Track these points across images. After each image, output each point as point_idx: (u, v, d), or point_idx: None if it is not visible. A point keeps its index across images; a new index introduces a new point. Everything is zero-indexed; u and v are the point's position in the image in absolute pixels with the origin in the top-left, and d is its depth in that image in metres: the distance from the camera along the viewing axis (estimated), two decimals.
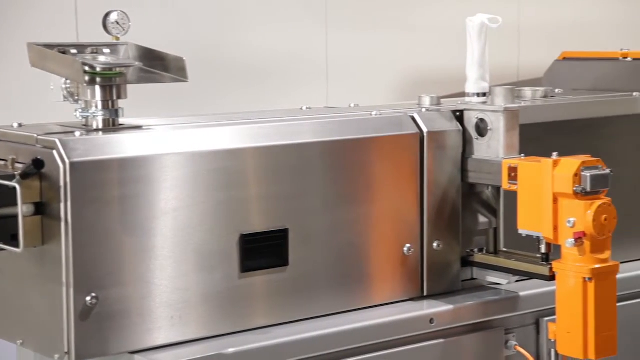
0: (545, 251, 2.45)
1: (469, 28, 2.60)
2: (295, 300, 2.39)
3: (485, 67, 2.61)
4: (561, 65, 3.24)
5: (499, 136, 2.54)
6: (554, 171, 2.35)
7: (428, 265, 2.55)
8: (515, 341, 2.60)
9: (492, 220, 2.64)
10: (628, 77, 3.08)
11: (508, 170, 2.47)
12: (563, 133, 2.77)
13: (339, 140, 2.44)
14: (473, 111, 2.59)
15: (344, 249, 2.45)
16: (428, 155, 2.54)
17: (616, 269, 2.34)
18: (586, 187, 2.32)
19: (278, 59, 3.25)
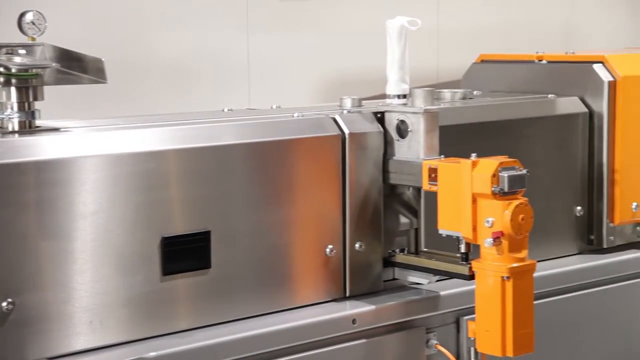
0: (465, 251, 2.43)
1: (389, 30, 2.56)
2: (217, 303, 2.32)
3: (405, 69, 2.57)
4: (479, 68, 3.23)
5: (419, 137, 2.51)
6: (473, 172, 2.33)
7: (350, 266, 2.50)
8: (436, 340, 2.57)
9: (413, 221, 2.61)
10: (543, 79, 3.07)
11: (428, 171, 2.44)
12: (481, 134, 2.76)
13: (260, 142, 2.38)
14: (394, 113, 2.56)
15: (267, 251, 2.39)
16: (350, 157, 2.49)
17: (533, 268, 2.33)
18: (504, 187, 2.29)
19: (199, 61, 3.18)
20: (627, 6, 4.03)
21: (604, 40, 3.88)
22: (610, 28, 3.98)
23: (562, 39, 3.86)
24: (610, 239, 2.98)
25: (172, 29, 3.15)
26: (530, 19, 3.81)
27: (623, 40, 3.89)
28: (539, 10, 3.83)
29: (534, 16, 3.82)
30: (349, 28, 3.44)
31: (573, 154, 2.94)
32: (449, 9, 3.61)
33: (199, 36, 3.18)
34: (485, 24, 3.70)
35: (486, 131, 2.77)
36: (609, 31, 3.97)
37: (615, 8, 4.01)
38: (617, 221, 2.97)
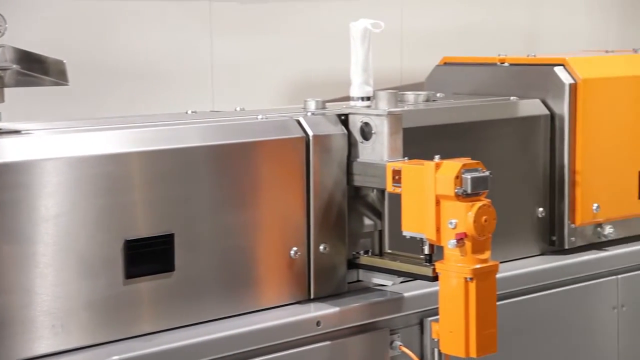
0: (429, 252, 2.41)
1: (353, 33, 2.54)
2: (181, 306, 2.28)
3: (369, 71, 2.55)
4: (442, 70, 3.21)
5: (383, 140, 2.49)
6: (436, 174, 2.31)
7: (315, 268, 2.48)
8: (400, 341, 2.55)
9: (377, 223, 2.59)
10: (505, 82, 3.07)
11: (392, 173, 2.42)
12: (445, 136, 2.74)
13: (224, 145, 2.35)
14: (358, 115, 2.54)
15: (231, 254, 2.36)
16: (314, 159, 2.46)
17: (496, 269, 2.32)
18: (467, 189, 2.28)
19: (162, 64, 3.14)
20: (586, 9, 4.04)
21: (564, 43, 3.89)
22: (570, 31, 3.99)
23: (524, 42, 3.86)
24: (572, 239, 2.98)
25: (135, 31, 3.11)
26: (492, 22, 3.81)
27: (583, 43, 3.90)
28: (501, 13, 3.84)
29: (496, 19, 3.82)
30: (313, 31, 3.42)
31: (535, 156, 2.94)
32: (413, 12, 3.60)
33: (162, 39, 3.15)
34: (449, 27, 3.69)
35: (449, 133, 2.76)
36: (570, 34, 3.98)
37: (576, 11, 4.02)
38: (578, 222, 2.97)
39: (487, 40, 3.72)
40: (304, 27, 3.41)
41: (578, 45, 3.83)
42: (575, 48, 3.77)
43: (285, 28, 3.38)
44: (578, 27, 4.02)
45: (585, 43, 3.89)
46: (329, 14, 3.43)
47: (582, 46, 3.82)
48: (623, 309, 3.03)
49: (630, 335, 3.06)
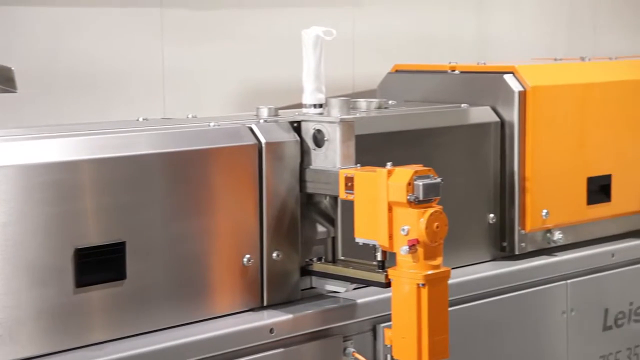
0: (381, 259, 2.39)
1: (305, 40, 2.51)
2: (133, 314, 2.24)
3: (321, 78, 2.53)
4: (394, 78, 3.20)
5: (335, 147, 2.47)
6: (388, 181, 2.30)
7: (268, 275, 2.44)
8: (353, 348, 2.52)
9: (331, 230, 2.56)
10: (456, 89, 3.06)
11: (345, 180, 2.40)
12: (397, 143, 2.73)
13: (176, 152, 2.31)
14: (310, 122, 2.51)
15: (183, 261, 2.31)
16: (266, 166, 2.43)
17: (448, 275, 2.30)
18: (419, 195, 2.26)
19: (112, 71, 3.09)
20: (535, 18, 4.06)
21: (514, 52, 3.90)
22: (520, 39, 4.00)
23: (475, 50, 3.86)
24: (522, 245, 2.97)
25: (85, 38, 3.06)
26: (443, 30, 3.81)
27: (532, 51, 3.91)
28: (452, 21, 3.84)
29: (447, 27, 3.82)
30: (265, 38, 3.39)
31: (486, 163, 2.93)
32: (365, 20, 3.59)
33: (112, 46, 3.10)
34: (400, 35, 3.68)
35: (401, 140, 2.74)
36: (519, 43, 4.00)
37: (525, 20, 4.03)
38: (528, 228, 2.97)
39: (439, 48, 3.72)
40: (256, 34, 3.38)
41: (527, 54, 3.85)
42: (524, 56, 3.78)
43: (237, 35, 3.35)
44: (527, 35, 4.04)
45: (534, 51, 3.90)
46: (281, 21, 3.40)
47: (531, 54, 3.83)
48: (572, 313, 3.03)
49: (579, 339, 3.06)
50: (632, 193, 3.22)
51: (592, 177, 3.10)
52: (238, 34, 3.35)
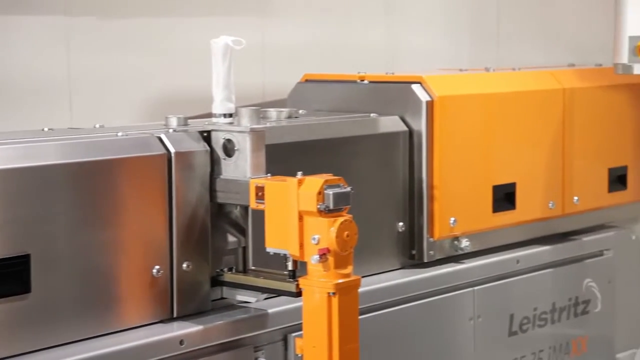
0: (292, 268, 2.36)
1: (214, 50, 2.47)
2: (39, 328, 2.16)
3: (231, 88, 2.49)
4: (304, 87, 3.17)
5: (245, 156, 2.43)
6: (299, 190, 2.27)
7: (178, 286, 2.38)
8: (264, 358, 2.49)
9: (241, 239, 2.52)
10: (365, 98, 3.05)
11: (255, 190, 2.36)
12: (307, 153, 2.70)
13: (83, 162, 2.24)
14: (220, 132, 2.47)
15: (91, 274, 2.24)
16: (176, 176, 2.38)
17: (358, 283, 2.29)
18: (329, 204, 2.24)
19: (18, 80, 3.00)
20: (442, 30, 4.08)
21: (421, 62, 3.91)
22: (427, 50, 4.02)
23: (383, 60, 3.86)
24: (431, 253, 2.97)
25: None
26: (352, 40, 3.80)
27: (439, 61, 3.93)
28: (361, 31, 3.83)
29: (356, 37, 3.81)
30: (174, 47, 3.33)
31: (395, 172, 2.92)
32: (274, 29, 3.56)
33: (18, 54, 3.00)
34: (310, 44, 3.66)
35: (312, 150, 2.72)
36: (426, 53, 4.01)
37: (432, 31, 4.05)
38: (437, 236, 2.97)
39: (348, 57, 3.70)
40: (165, 43, 3.32)
41: (434, 64, 3.86)
42: (431, 66, 3.79)
43: (145, 44, 3.28)
44: (434, 46, 4.05)
45: (440, 62, 3.92)
46: (190, 30, 3.34)
47: (438, 65, 3.85)
48: (479, 319, 3.04)
49: (486, 345, 3.08)
50: (536, 201, 3.24)
51: (497, 186, 3.12)
52: (146, 43, 3.28)
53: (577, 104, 3.34)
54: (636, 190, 3.56)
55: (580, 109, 3.35)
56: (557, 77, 3.35)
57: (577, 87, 3.35)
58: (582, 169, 3.37)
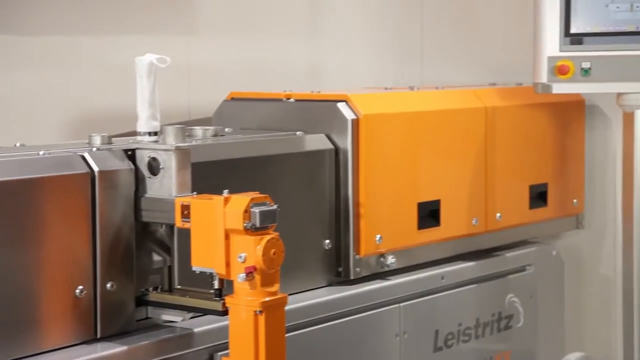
0: (219, 287, 2.32)
1: (138, 68, 2.43)
2: None
3: (156, 106, 2.45)
4: (230, 105, 3.14)
5: (171, 175, 2.39)
6: (225, 208, 2.24)
7: (101, 306, 2.33)
8: None
9: (167, 258, 2.47)
10: (292, 117, 3.03)
11: (181, 208, 2.32)
12: (233, 171, 2.67)
13: (3, 181, 2.17)
14: (145, 150, 2.43)
15: (12, 294, 2.18)
16: (100, 195, 2.33)
17: (285, 301, 2.27)
18: (255, 223, 2.22)
19: None
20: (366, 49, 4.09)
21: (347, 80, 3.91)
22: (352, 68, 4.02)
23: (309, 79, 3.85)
24: (357, 270, 2.95)
25: None
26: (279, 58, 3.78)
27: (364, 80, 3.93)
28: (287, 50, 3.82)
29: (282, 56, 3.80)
30: (98, 65, 3.27)
31: (321, 189, 2.90)
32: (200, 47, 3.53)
33: None
34: (236, 63, 3.63)
35: (238, 168, 2.69)
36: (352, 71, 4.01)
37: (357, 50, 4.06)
38: (363, 253, 2.95)
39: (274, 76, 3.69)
40: (88, 61, 3.26)
41: (359, 83, 3.87)
42: (357, 85, 3.80)
43: (69, 62, 3.22)
44: (359, 65, 4.06)
45: (366, 80, 3.92)
46: (115, 48, 3.29)
47: (363, 83, 3.85)
48: (405, 336, 3.03)
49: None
50: (460, 217, 3.26)
51: (422, 203, 3.13)
52: (69, 60, 3.22)
53: (499, 122, 3.37)
54: (556, 206, 3.60)
55: (501, 127, 3.38)
56: (479, 96, 3.37)
57: (498, 106, 3.38)
58: (505, 186, 3.39)
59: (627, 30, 3.12)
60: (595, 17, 3.13)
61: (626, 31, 3.12)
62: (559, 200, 3.61)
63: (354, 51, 4.05)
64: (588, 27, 3.14)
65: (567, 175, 3.65)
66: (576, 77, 3.14)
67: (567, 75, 3.14)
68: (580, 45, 3.14)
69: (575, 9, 3.14)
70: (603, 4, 3.13)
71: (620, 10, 3.12)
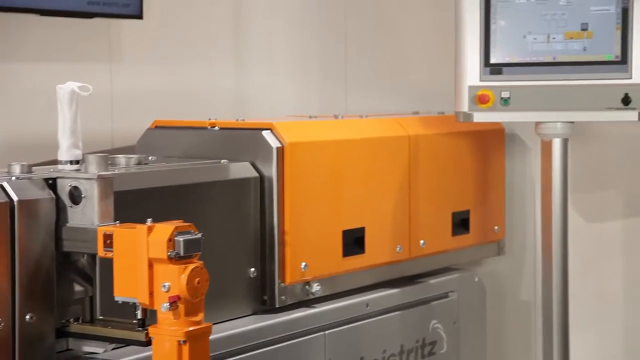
0: (142, 317, 2.27)
1: (60, 96, 2.38)
2: None
3: (78, 134, 2.40)
4: (154, 133, 3.09)
5: (93, 204, 2.34)
6: (148, 237, 2.19)
7: (20, 339, 2.26)
8: None
9: (89, 289, 2.42)
10: (216, 145, 3.00)
11: (103, 237, 2.27)
12: (157, 199, 2.62)
13: None
14: (66, 179, 2.37)
15: None
16: (19, 225, 2.26)
17: (209, 331, 2.22)
18: (179, 251, 2.18)
19: None
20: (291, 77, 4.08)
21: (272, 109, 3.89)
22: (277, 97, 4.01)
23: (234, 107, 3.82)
24: (282, 298, 2.92)
25: None
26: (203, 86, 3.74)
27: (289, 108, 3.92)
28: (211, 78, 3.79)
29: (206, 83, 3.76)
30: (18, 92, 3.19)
31: (246, 217, 2.87)
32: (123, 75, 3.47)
33: None
34: (160, 90, 3.58)
35: (162, 196, 2.64)
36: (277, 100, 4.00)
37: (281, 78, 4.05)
38: (288, 281, 2.92)
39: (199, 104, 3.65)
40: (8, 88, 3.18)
41: (284, 111, 3.85)
42: (281, 113, 3.78)
43: None
44: (284, 93, 4.05)
45: (291, 108, 3.91)
46: (36, 75, 3.21)
47: (288, 111, 3.84)
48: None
49: None
50: (384, 245, 3.25)
51: (347, 230, 3.11)
52: None
53: (422, 150, 3.38)
54: (478, 233, 3.62)
55: (424, 155, 3.39)
56: (402, 124, 3.38)
57: (421, 134, 3.39)
58: (428, 213, 3.40)
59: (544, 60, 3.17)
60: (513, 47, 3.18)
61: (543, 62, 3.17)
62: (480, 227, 3.63)
63: (279, 79, 4.04)
64: (507, 57, 3.18)
65: (488, 202, 3.67)
66: (496, 106, 3.17)
67: (488, 104, 3.17)
68: (500, 75, 3.18)
69: (495, 40, 3.17)
70: (521, 35, 3.17)
71: (538, 42, 3.17)
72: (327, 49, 4.11)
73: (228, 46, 3.88)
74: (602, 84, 3.11)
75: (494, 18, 3.16)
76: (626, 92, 3.10)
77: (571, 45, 3.15)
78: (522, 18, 3.16)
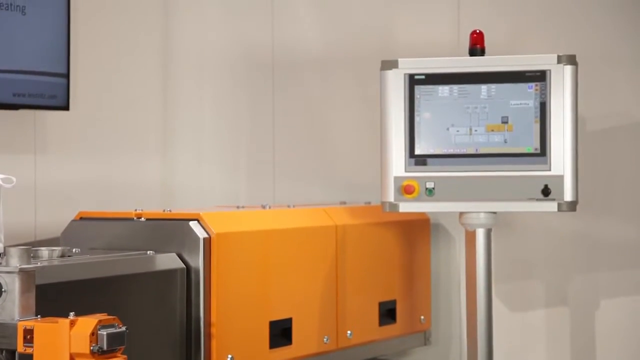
0: None
1: None
2: None
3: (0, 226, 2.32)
4: (78, 225, 3.03)
5: (14, 297, 2.27)
6: (71, 331, 2.14)
7: None
8: None
9: None
10: (143, 236, 2.95)
11: (23, 333, 2.20)
12: (81, 292, 2.56)
13: None
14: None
15: None
16: None
17: None
18: (103, 345, 2.13)
19: None
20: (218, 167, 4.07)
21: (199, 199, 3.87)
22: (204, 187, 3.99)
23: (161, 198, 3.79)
24: None
25: None
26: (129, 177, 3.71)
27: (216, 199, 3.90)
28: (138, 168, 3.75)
29: (133, 174, 3.72)
30: None
31: (172, 309, 2.81)
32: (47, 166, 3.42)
33: None
34: (85, 182, 3.53)
35: (86, 289, 2.57)
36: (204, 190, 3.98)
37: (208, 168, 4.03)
38: None
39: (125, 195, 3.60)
40: None
41: (212, 202, 3.83)
42: (209, 204, 3.75)
43: None
44: (212, 183, 4.03)
45: (218, 199, 3.89)
46: None
47: (215, 202, 3.81)
48: None
49: None
50: (311, 336, 3.21)
51: (274, 321, 3.07)
52: None
53: (349, 240, 3.38)
54: (404, 323, 3.61)
55: (351, 245, 3.39)
56: (329, 214, 3.38)
57: (348, 224, 3.39)
58: (355, 303, 3.38)
59: (466, 152, 3.21)
60: (437, 139, 3.22)
61: (466, 153, 3.21)
62: (407, 317, 3.62)
63: (207, 169, 4.02)
64: (431, 149, 3.21)
65: (414, 292, 3.67)
66: (421, 197, 3.19)
67: (413, 194, 3.19)
68: (425, 166, 3.21)
69: (419, 132, 3.21)
70: (444, 128, 3.22)
71: (460, 134, 3.21)
72: (255, 139, 4.12)
73: (155, 136, 3.86)
74: (523, 175, 3.16)
75: (418, 111, 3.21)
76: (546, 183, 3.15)
77: (493, 137, 3.20)
78: (445, 111, 3.21)
